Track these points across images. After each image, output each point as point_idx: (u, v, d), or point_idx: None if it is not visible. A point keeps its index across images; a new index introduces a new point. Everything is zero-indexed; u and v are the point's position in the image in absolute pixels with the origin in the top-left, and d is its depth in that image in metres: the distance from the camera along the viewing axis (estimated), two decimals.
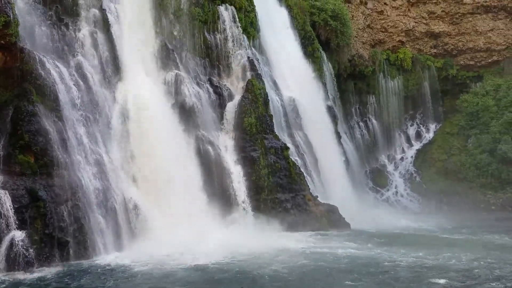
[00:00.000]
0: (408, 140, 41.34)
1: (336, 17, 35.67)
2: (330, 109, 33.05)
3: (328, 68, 35.21)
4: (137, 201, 19.18)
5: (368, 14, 40.80)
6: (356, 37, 39.36)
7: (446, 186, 36.06)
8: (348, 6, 38.85)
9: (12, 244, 14.38)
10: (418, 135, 41.49)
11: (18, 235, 14.62)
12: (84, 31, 20.57)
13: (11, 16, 16.66)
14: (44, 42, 18.84)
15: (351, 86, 39.50)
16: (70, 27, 20.22)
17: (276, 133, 25.76)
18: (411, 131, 41.68)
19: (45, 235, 15.38)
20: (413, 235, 23.58)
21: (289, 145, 26.69)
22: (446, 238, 22.25)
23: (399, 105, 41.26)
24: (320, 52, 34.55)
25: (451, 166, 37.00)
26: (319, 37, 35.47)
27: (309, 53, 33.32)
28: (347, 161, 33.97)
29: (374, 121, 40.20)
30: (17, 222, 14.82)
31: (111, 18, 21.63)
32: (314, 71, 32.77)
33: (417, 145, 40.74)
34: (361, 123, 39.87)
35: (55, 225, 15.65)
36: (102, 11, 21.44)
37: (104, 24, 21.25)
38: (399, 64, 41.23)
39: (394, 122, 40.99)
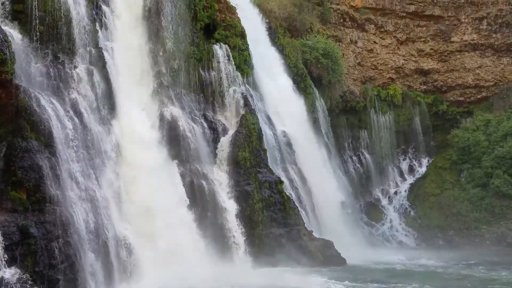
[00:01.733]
0: (401, 174, 41.53)
1: (327, 56, 36.58)
2: (323, 144, 33.34)
3: (320, 103, 35.77)
4: (129, 239, 18.93)
5: (358, 52, 41.89)
6: (347, 74, 40.22)
7: (441, 220, 36.09)
8: (339, 44, 39.92)
9: (1, 282, 14.04)
10: (411, 169, 41.74)
11: (8, 273, 14.29)
12: (80, 69, 20.80)
13: (7, 54, 16.88)
14: (40, 79, 19.01)
15: (343, 121, 39.97)
16: (66, 65, 20.44)
17: (270, 167, 25.89)
18: (404, 165, 41.94)
19: (36, 273, 15.02)
20: (409, 270, 23.35)
21: (283, 179, 26.78)
22: (442, 273, 22.04)
23: (391, 139, 41.68)
24: (312, 89, 35.20)
25: (445, 201, 37.07)
26: (311, 74, 36.22)
27: (302, 89, 33.95)
28: (341, 195, 33.97)
29: (367, 155, 40.45)
30: (7, 260, 14.50)
31: (107, 56, 22.00)
32: (307, 107, 33.29)
33: (410, 179, 40.92)
34: (354, 157, 40.09)
35: (45, 263, 15.33)
36: (98, 49, 21.81)
37: (100, 62, 21.55)
38: (390, 100, 41.96)
39: (387, 156, 41.28)
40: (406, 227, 37.11)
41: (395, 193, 40.07)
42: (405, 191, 39.94)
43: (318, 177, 31.01)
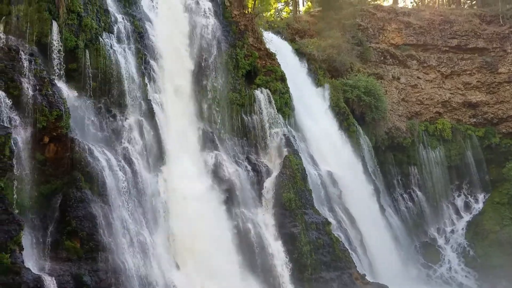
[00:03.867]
0: (457, 211, 39.60)
1: (369, 93, 36.47)
2: (371, 182, 32.62)
3: (365, 141, 35.34)
4: (179, 286, 19.01)
5: (402, 88, 41.53)
6: (392, 110, 39.74)
7: (503, 259, 33.75)
8: (381, 81, 39.79)
9: None
10: (467, 206, 39.76)
11: None
12: (131, 120, 21.86)
13: (63, 110, 18.16)
14: (93, 132, 20.16)
15: (390, 158, 39.07)
16: (118, 117, 21.57)
17: (316, 208, 25.46)
18: (459, 202, 40.05)
19: None
20: None
21: (331, 219, 26.19)
22: None
23: (443, 175, 40.15)
24: (356, 126, 34.97)
25: (506, 238, 34.92)
26: (354, 112, 36.11)
27: (345, 127, 33.82)
28: (394, 236, 32.73)
29: (418, 192, 39.02)
30: None
31: (155, 107, 23.11)
32: (351, 145, 32.96)
33: (466, 217, 38.92)
34: (405, 195, 38.75)
35: None
36: (148, 101, 22.97)
37: (149, 113, 22.66)
38: (438, 134, 40.86)
39: (440, 193, 39.63)
40: (465, 267, 34.93)
41: (452, 231, 38.08)
42: (462, 229, 37.91)
43: (367, 217, 30.13)
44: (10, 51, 18.15)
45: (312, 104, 32.64)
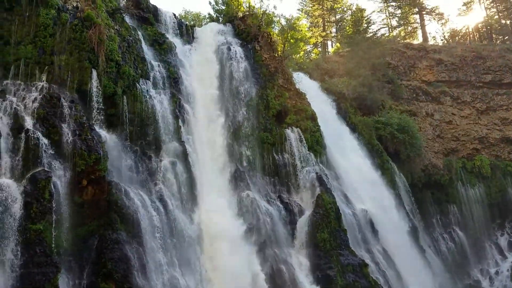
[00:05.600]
0: (501, 251, 37.59)
1: (402, 130, 36.07)
2: (408, 221, 31.60)
3: (400, 179, 34.58)
4: None
5: (436, 125, 40.94)
6: (427, 147, 39.05)
7: None
8: (414, 118, 39.42)
9: None
10: (511, 246, 37.71)
11: None
12: (165, 162, 22.36)
13: (101, 154, 18.82)
14: (129, 174, 20.68)
15: (428, 196, 37.95)
16: (153, 159, 22.15)
17: (352, 249, 24.74)
18: (503, 242, 38.09)
19: None
20: None
21: (368, 261, 25.26)
22: None
23: (484, 214, 38.54)
24: (390, 164, 34.38)
25: None
26: (387, 149, 35.65)
27: (379, 165, 33.31)
28: (435, 278, 31.22)
29: (459, 232, 37.43)
30: None
31: (188, 148, 23.63)
32: (386, 183, 32.30)
33: (511, 257, 36.79)
34: (445, 235, 37.21)
35: None
36: (181, 143, 23.56)
37: (183, 154, 23.16)
38: (477, 171, 39.61)
39: (482, 232, 37.90)
40: None
41: (496, 273, 36.01)
42: (507, 270, 35.75)
43: (406, 258, 28.94)
44: (52, 99, 19.13)
45: (343, 142, 32.48)
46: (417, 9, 57.77)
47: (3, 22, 20.44)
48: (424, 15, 57.33)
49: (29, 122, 17.99)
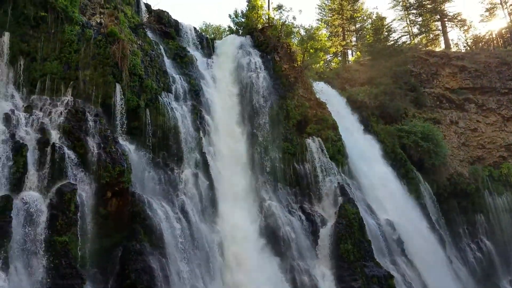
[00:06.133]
0: None
1: (426, 138, 35.49)
2: (434, 231, 30.90)
3: (425, 188, 33.92)
4: None
5: (461, 132, 40.18)
6: (452, 155, 38.30)
7: None
8: (439, 126, 38.78)
9: None
10: None
11: None
12: (187, 173, 22.55)
13: (125, 166, 19.12)
14: (152, 185, 20.91)
15: (454, 205, 37.01)
16: (175, 170, 22.37)
17: (377, 260, 24.31)
18: None
19: None
20: None
21: (393, 273, 24.69)
22: None
23: None
24: (415, 173, 33.80)
25: None
26: (411, 158, 35.07)
27: (403, 174, 32.80)
28: None
29: (487, 242, 36.31)
30: None
31: (209, 159, 23.82)
32: (411, 192, 31.75)
33: None
34: (472, 245, 36.11)
35: None
36: (202, 154, 23.78)
37: (204, 165, 23.37)
38: (504, 179, 38.53)
39: (510, 242, 36.68)
40: None
41: None
42: None
43: (433, 270, 28.24)
44: (77, 113, 19.61)
45: (366, 151, 32.12)
46: (438, 16, 57.12)
47: (29, 39, 21.12)
48: (446, 22, 56.62)
49: (55, 136, 18.44)
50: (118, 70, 21.94)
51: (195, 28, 32.95)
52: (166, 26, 30.02)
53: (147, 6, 31.02)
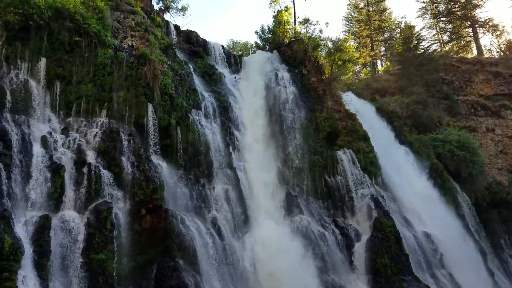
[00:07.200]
0: None
1: (462, 147, 34.58)
2: (474, 242, 29.78)
3: (463, 198, 32.84)
4: None
5: (498, 140, 38.93)
6: (490, 164, 37.10)
7: None
8: (474, 134, 37.73)
9: None
10: None
11: None
12: (218, 189, 22.72)
13: (158, 183, 19.47)
14: (184, 202, 21.17)
15: (494, 216, 35.60)
16: (206, 186, 22.60)
17: (416, 274, 23.56)
18: None
19: None
20: None
21: (433, 287, 23.96)
22: None
23: None
24: (452, 183, 32.83)
25: None
26: (447, 168, 34.15)
27: (439, 184, 31.92)
28: None
29: None
30: None
31: (240, 174, 23.91)
32: (448, 203, 30.81)
33: None
34: None
35: None
36: (233, 169, 23.92)
37: (234, 180, 23.47)
38: None
39: None
40: None
41: None
42: None
43: (474, 283, 27.11)
44: (112, 133, 20.20)
45: (399, 162, 31.48)
46: (469, 23, 55.90)
47: (64, 64, 22.00)
48: (477, 28, 55.31)
49: (91, 156, 19.02)
50: (150, 90, 22.53)
51: (222, 46, 33.53)
52: (194, 45, 30.71)
53: (176, 27, 31.89)
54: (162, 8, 35.29)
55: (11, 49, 20.94)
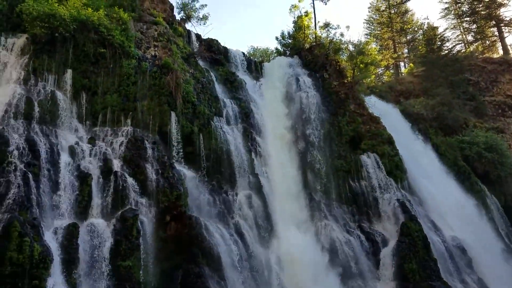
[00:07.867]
0: None
1: (490, 149, 33.74)
2: (505, 246, 28.90)
3: (492, 201, 31.96)
4: None
5: None
6: None
7: None
8: (502, 136, 36.78)
9: None
10: None
11: None
12: (241, 195, 22.78)
13: (182, 190, 19.67)
14: (208, 208, 21.28)
15: None
16: (229, 192, 22.71)
17: (445, 280, 23.00)
18: None
19: None
20: None
21: None
22: None
23: None
24: (480, 186, 32.02)
25: None
26: (475, 170, 33.34)
27: (467, 187, 31.19)
28: None
29: None
30: None
31: (262, 180, 23.92)
32: (477, 206, 30.04)
33: None
34: None
35: None
36: (255, 175, 23.96)
37: (257, 186, 23.50)
38: None
39: None
40: None
41: None
42: None
43: (506, 287, 26.36)
44: (136, 141, 20.57)
45: (426, 165, 30.88)
46: (494, 22, 54.65)
47: (90, 75, 22.56)
48: (503, 27, 54.01)
49: (117, 165, 19.39)
50: (173, 99, 22.87)
51: (243, 53, 33.78)
52: (215, 53, 31.06)
53: (198, 36, 32.33)
54: (184, 18, 35.87)
55: (38, 62, 21.61)
